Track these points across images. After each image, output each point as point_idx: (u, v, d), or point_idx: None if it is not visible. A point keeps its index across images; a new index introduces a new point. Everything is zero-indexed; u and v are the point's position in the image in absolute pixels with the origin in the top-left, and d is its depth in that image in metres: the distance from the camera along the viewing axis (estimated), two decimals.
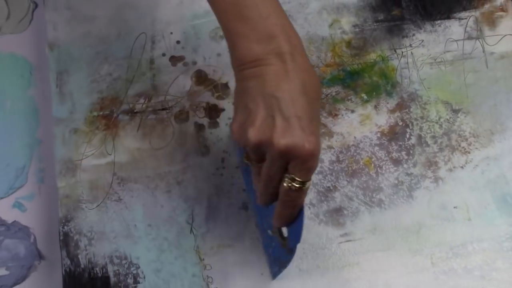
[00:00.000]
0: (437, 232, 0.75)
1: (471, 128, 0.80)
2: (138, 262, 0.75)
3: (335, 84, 0.81)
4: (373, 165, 0.78)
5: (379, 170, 0.78)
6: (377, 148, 0.79)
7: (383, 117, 0.80)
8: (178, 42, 0.84)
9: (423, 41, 0.84)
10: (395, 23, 0.84)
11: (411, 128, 0.80)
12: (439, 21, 0.84)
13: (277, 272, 0.72)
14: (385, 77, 0.82)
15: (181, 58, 0.83)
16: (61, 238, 0.76)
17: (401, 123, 0.80)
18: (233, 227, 0.76)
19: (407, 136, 0.79)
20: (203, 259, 0.75)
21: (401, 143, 0.79)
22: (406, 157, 0.79)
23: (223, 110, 0.81)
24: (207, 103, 0.81)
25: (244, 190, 0.77)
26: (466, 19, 0.84)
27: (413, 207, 0.76)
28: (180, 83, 0.82)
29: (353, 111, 0.80)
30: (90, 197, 0.78)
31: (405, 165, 0.78)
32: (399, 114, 0.80)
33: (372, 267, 0.74)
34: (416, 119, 0.80)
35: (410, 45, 0.83)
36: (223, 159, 0.79)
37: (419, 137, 0.79)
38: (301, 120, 0.55)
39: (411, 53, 0.83)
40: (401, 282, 0.74)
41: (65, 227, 0.76)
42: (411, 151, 0.79)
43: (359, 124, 0.80)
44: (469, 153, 0.79)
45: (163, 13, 0.84)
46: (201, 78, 0.82)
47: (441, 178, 0.78)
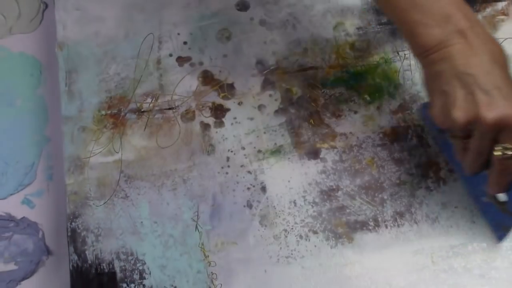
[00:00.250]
0: (438, 231, 0.75)
1: None
2: (144, 258, 0.75)
3: (339, 85, 0.81)
4: (375, 165, 0.78)
5: (381, 170, 0.78)
6: (379, 148, 0.79)
7: (386, 118, 0.80)
8: (185, 42, 0.84)
9: None
10: None
11: (413, 129, 0.80)
12: None
13: (502, 236, 0.73)
14: (388, 79, 0.82)
15: (188, 59, 0.83)
16: (69, 234, 0.76)
17: (403, 124, 0.80)
18: (237, 225, 0.76)
19: (409, 137, 0.79)
20: (208, 256, 0.75)
21: (403, 143, 0.79)
22: (408, 157, 0.78)
23: (228, 110, 0.81)
24: (213, 103, 0.81)
25: (249, 189, 0.77)
26: None
27: (414, 206, 0.76)
28: (186, 83, 0.82)
29: (356, 112, 0.80)
30: (97, 194, 0.78)
31: (407, 165, 0.78)
32: (401, 115, 0.80)
33: (373, 265, 0.74)
34: (418, 120, 0.80)
35: None
36: (228, 158, 0.79)
37: (421, 138, 0.79)
38: (501, 90, 0.55)
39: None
40: (402, 280, 0.74)
41: (73, 223, 0.77)
42: (413, 152, 0.79)
43: (362, 124, 0.80)
44: None
45: (170, 14, 0.84)
46: (207, 78, 0.82)
47: (442, 179, 0.77)
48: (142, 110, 0.81)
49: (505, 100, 0.55)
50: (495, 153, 0.58)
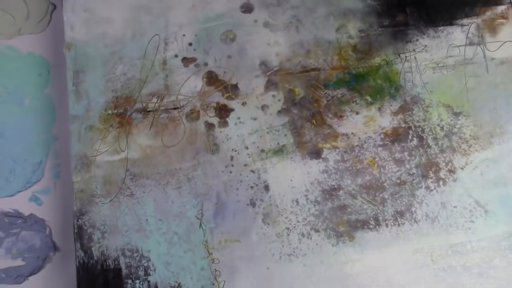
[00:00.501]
0: (437, 230, 0.75)
1: (471, 131, 0.80)
2: (149, 255, 0.75)
3: (341, 87, 0.81)
4: (376, 165, 0.78)
5: (382, 170, 0.78)
6: (380, 148, 0.79)
7: (387, 119, 0.80)
8: (190, 44, 0.84)
9: (426, 46, 0.83)
10: (399, 29, 0.84)
11: (413, 130, 0.80)
12: (442, 27, 0.84)
13: None
14: (389, 80, 0.82)
15: (193, 60, 0.83)
16: (75, 231, 0.76)
17: (404, 125, 0.80)
18: (240, 223, 0.76)
19: (410, 137, 0.79)
20: (212, 253, 0.75)
21: (403, 144, 0.79)
22: (408, 157, 0.78)
23: (232, 110, 0.81)
24: (217, 103, 0.81)
25: (252, 188, 0.77)
26: (468, 25, 0.84)
27: (414, 206, 0.76)
28: (191, 84, 0.82)
29: (357, 113, 0.80)
30: (103, 191, 0.78)
31: (407, 166, 0.78)
32: (402, 116, 0.80)
33: (373, 264, 0.74)
34: (418, 121, 0.80)
35: (414, 50, 0.83)
36: (232, 157, 0.79)
37: (421, 138, 0.79)
38: None
39: (415, 57, 0.83)
40: (401, 278, 0.74)
41: (79, 220, 0.77)
42: (413, 152, 0.79)
43: (364, 125, 0.80)
44: (469, 154, 0.79)
45: (176, 16, 0.84)
46: (212, 79, 0.82)
47: (442, 179, 0.78)
48: (148, 109, 0.81)
49: None
50: None
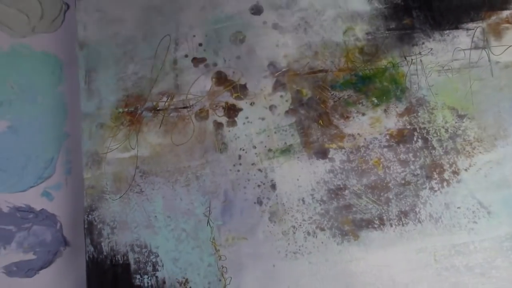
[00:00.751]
0: (440, 230, 0.75)
1: (475, 133, 0.79)
2: (157, 251, 0.75)
3: (348, 88, 0.81)
4: (381, 165, 0.78)
5: (387, 171, 0.78)
6: (385, 149, 0.79)
7: (392, 120, 0.80)
8: (200, 44, 0.83)
9: (432, 49, 0.83)
10: (405, 32, 0.84)
11: (418, 131, 0.79)
12: (447, 31, 0.84)
13: None
14: (395, 82, 0.82)
15: (202, 60, 0.83)
16: (86, 226, 0.76)
17: (409, 127, 0.80)
18: (247, 221, 0.76)
19: (415, 139, 0.79)
20: (219, 250, 0.75)
21: (408, 145, 0.79)
22: (413, 159, 0.78)
23: (241, 109, 0.81)
24: (226, 102, 0.81)
25: (259, 186, 0.77)
26: (473, 29, 0.84)
27: (418, 206, 0.76)
28: (201, 83, 0.82)
29: (364, 114, 0.80)
30: (113, 188, 0.78)
31: (412, 167, 0.78)
32: (407, 118, 0.80)
33: (377, 262, 0.74)
34: (423, 123, 0.80)
35: (420, 53, 0.83)
36: (240, 156, 0.79)
37: (426, 140, 0.79)
38: None
39: (420, 60, 0.83)
40: (405, 277, 0.73)
41: (90, 216, 0.77)
42: (418, 154, 0.78)
43: (369, 126, 0.79)
44: (473, 156, 0.78)
45: (186, 17, 0.84)
46: (221, 79, 0.82)
47: (446, 180, 0.77)
48: (158, 108, 0.81)
49: None
50: None
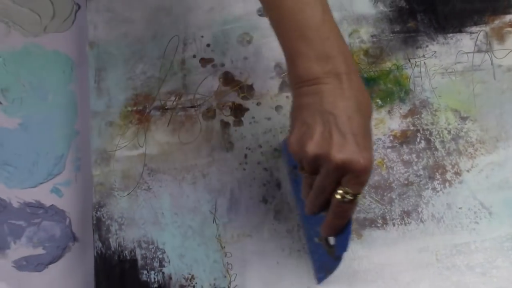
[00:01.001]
0: (442, 230, 0.75)
1: (477, 135, 0.79)
2: (164, 247, 0.75)
3: None
4: (385, 166, 0.78)
5: (390, 171, 0.78)
6: (389, 150, 0.79)
7: (396, 121, 0.80)
8: (208, 45, 0.84)
9: (435, 52, 0.83)
10: (410, 35, 0.84)
11: (421, 132, 0.79)
12: (451, 34, 0.84)
13: (323, 278, 0.72)
14: (399, 84, 0.81)
15: (210, 60, 0.83)
16: (94, 222, 0.77)
17: (412, 128, 0.79)
18: (252, 219, 0.76)
19: (418, 140, 0.79)
20: (224, 247, 0.75)
21: (412, 146, 0.79)
22: (416, 159, 0.78)
23: (247, 109, 0.81)
24: (233, 102, 0.81)
25: (264, 185, 0.77)
26: (476, 33, 0.84)
27: (421, 206, 0.76)
28: (208, 83, 0.82)
29: None
30: (122, 185, 0.78)
31: (415, 167, 0.78)
32: (411, 119, 0.80)
33: (380, 261, 0.74)
34: (426, 124, 0.80)
35: (424, 56, 0.83)
36: (246, 155, 0.79)
37: (429, 141, 0.79)
38: (356, 137, 0.55)
39: (424, 63, 0.83)
40: (407, 275, 0.73)
41: (98, 212, 0.77)
42: (421, 154, 0.78)
43: (374, 127, 0.79)
44: (475, 158, 0.78)
45: (195, 18, 0.84)
46: (228, 79, 0.82)
47: (448, 180, 0.77)
48: (166, 107, 0.81)
49: (356, 147, 0.54)
50: (336, 195, 0.58)
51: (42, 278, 0.79)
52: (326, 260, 0.70)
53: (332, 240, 0.68)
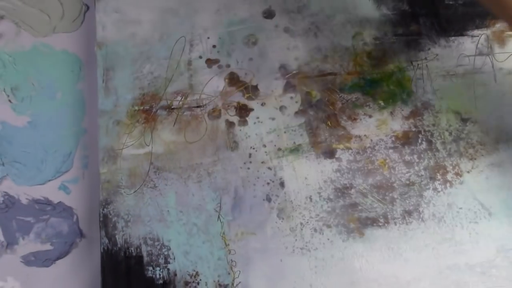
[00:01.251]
0: (443, 230, 0.75)
1: (478, 137, 0.79)
2: (169, 244, 0.75)
3: (355, 91, 0.81)
4: (387, 166, 0.78)
5: (392, 171, 0.78)
6: (391, 150, 0.78)
7: (398, 122, 0.80)
8: (214, 46, 0.83)
9: (437, 55, 0.83)
10: (412, 38, 0.84)
11: (423, 134, 0.79)
12: (453, 38, 0.84)
13: None
14: (401, 86, 0.81)
15: (216, 61, 0.83)
16: (101, 219, 0.77)
17: (414, 129, 0.79)
18: (256, 217, 0.76)
19: (419, 141, 0.79)
20: (228, 245, 0.75)
21: (413, 147, 0.79)
22: (417, 160, 0.78)
23: (252, 109, 0.81)
24: (238, 102, 0.81)
25: (268, 184, 0.77)
26: (478, 36, 0.84)
27: (422, 206, 0.76)
28: (214, 84, 0.82)
29: (370, 116, 0.80)
30: (128, 183, 0.78)
31: (416, 168, 0.78)
32: (412, 120, 0.80)
33: (381, 259, 0.74)
34: (428, 126, 0.79)
35: (426, 58, 0.83)
36: (250, 154, 0.79)
37: (430, 142, 0.79)
38: None
39: (426, 65, 0.82)
40: (407, 274, 0.73)
41: (105, 209, 0.77)
42: (422, 155, 0.78)
43: (376, 128, 0.79)
44: (475, 159, 0.78)
45: (201, 20, 0.84)
46: (233, 79, 0.82)
47: (449, 181, 0.77)
48: (172, 107, 0.81)
49: None
50: None
51: (50, 273, 0.79)
52: None
53: None
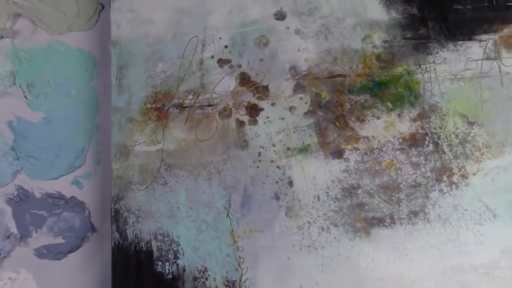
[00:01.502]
0: (448, 231, 0.75)
1: (484, 140, 0.79)
2: (179, 240, 0.76)
3: (364, 93, 0.81)
4: (394, 167, 0.78)
5: (399, 172, 0.77)
6: (398, 152, 0.78)
7: (406, 125, 0.80)
8: (226, 46, 0.84)
9: (445, 58, 0.83)
10: (421, 41, 0.84)
11: (430, 136, 0.79)
12: (461, 42, 0.84)
13: None
14: (409, 89, 0.81)
15: (227, 61, 0.83)
16: (112, 214, 0.77)
17: (421, 131, 0.79)
18: (265, 215, 0.76)
19: (426, 143, 0.79)
20: (237, 241, 0.75)
21: (420, 149, 0.78)
22: (424, 162, 0.78)
23: (262, 109, 0.81)
24: (249, 102, 0.81)
25: (277, 182, 0.77)
26: (486, 41, 0.83)
27: (428, 207, 0.76)
28: (225, 83, 0.82)
29: (378, 118, 0.80)
30: (140, 179, 0.78)
31: (422, 169, 0.78)
32: (420, 123, 0.80)
33: (387, 259, 0.74)
34: (435, 128, 0.79)
35: (434, 62, 0.83)
36: (259, 153, 0.79)
37: (437, 144, 0.79)
38: None
39: (434, 69, 0.82)
40: (412, 273, 0.73)
41: (116, 204, 0.77)
42: (428, 157, 0.78)
43: (384, 129, 0.79)
44: (481, 162, 0.78)
45: (214, 20, 0.84)
46: (244, 79, 0.82)
47: (455, 183, 0.77)
48: (184, 105, 0.81)
49: None
50: None
51: (61, 266, 0.80)
52: None
53: None
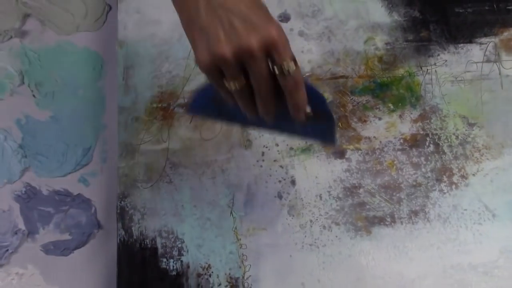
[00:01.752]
0: (448, 230, 0.75)
1: (484, 141, 0.79)
2: (183, 237, 0.76)
3: (366, 94, 0.81)
4: (395, 167, 0.78)
5: (400, 172, 0.78)
6: (399, 152, 0.78)
7: (407, 125, 0.80)
8: None
9: (446, 61, 0.83)
10: (422, 44, 0.84)
11: (430, 137, 0.79)
12: (462, 45, 0.84)
13: (334, 139, 0.64)
14: (410, 90, 0.81)
15: None
16: (118, 211, 0.77)
17: (422, 132, 0.79)
18: (267, 213, 0.76)
19: (427, 144, 0.79)
20: (240, 239, 0.75)
21: (421, 149, 0.79)
22: (424, 162, 0.78)
23: None
24: None
25: (280, 181, 0.77)
26: (486, 44, 0.84)
27: (428, 207, 0.76)
28: None
29: (380, 119, 0.80)
30: (145, 177, 0.79)
31: (423, 169, 0.78)
32: (421, 124, 0.80)
33: (387, 257, 0.74)
34: (435, 129, 0.79)
35: (435, 64, 0.83)
36: (263, 153, 0.79)
37: (437, 145, 0.79)
38: (255, 13, 0.51)
39: (435, 71, 0.82)
40: (412, 272, 0.73)
41: (122, 202, 0.77)
42: (429, 157, 0.78)
43: (385, 130, 0.79)
44: (481, 162, 0.78)
45: None
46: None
47: (454, 183, 0.77)
48: None
49: (262, 21, 0.50)
50: (276, 72, 0.52)
51: (68, 262, 0.80)
52: (324, 127, 0.62)
53: (308, 109, 0.57)
